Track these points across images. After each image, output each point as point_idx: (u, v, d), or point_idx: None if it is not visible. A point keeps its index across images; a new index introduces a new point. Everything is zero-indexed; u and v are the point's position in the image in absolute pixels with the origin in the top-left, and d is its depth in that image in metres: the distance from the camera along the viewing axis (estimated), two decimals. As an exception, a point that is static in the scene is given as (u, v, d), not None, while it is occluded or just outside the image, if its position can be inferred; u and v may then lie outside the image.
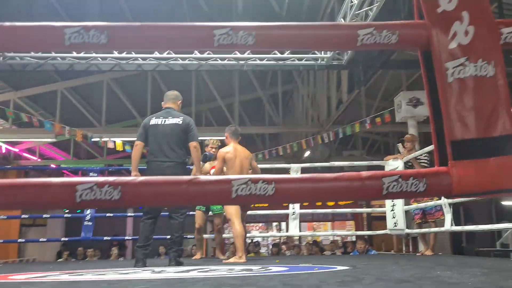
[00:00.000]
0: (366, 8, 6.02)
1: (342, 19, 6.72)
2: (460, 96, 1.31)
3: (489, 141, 1.29)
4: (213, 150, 5.17)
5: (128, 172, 9.15)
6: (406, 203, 5.92)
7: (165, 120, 3.82)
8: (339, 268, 3.39)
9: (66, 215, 9.60)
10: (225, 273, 2.70)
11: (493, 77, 1.31)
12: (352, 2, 6.17)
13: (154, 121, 3.84)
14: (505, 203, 11.36)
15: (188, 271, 3.17)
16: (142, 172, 3.72)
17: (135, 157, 3.74)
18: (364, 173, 1.30)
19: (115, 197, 1.22)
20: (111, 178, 1.25)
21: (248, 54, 7.99)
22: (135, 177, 1.28)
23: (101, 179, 1.25)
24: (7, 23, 1.27)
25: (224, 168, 4.24)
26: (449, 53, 1.32)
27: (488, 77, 1.31)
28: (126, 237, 8.57)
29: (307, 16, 8.22)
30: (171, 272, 3.14)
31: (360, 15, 6.36)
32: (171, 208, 3.77)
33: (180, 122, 3.79)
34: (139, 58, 7.90)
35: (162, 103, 4.04)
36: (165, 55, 7.86)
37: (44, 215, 9.49)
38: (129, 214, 7.59)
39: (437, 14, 1.34)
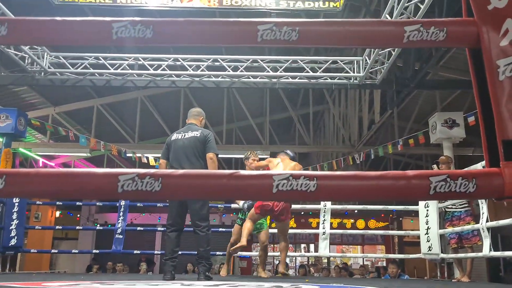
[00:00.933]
0: (415, 0, 5.76)
1: (387, 15, 6.33)
2: (511, 94, 1.26)
3: (544, 141, 1.23)
4: (256, 161, 5.08)
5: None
6: (441, 227, 5.73)
7: (184, 135, 3.89)
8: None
9: (98, 228, 9.76)
10: (255, 288, 2.66)
11: (547, 74, 1.25)
12: None
13: (175, 136, 3.94)
14: (546, 231, 10.85)
15: (217, 285, 3.14)
16: None
17: None
18: (411, 172, 1.26)
19: (156, 189, 1.22)
20: (152, 170, 1.25)
21: (280, 72, 8.03)
22: (176, 170, 1.28)
23: (142, 170, 1.25)
24: (59, 18, 1.31)
25: None
26: (500, 50, 1.27)
27: (542, 75, 1.25)
28: (155, 252, 8.58)
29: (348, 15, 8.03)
30: (200, 286, 3.12)
31: (409, 8, 5.93)
32: (194, 223, 3.76)
33: (198, 135, 3.83)
34: (173, 75, 8.07)
35: (186, 120, 4.10)
36: (198, 72, 8.00)
37: (77, 227, 9.67)
38: (158, 228, 7.63)
39: (487, 11, 1.31)
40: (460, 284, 4.46)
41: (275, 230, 5.25)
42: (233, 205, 6.10)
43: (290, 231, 7.43)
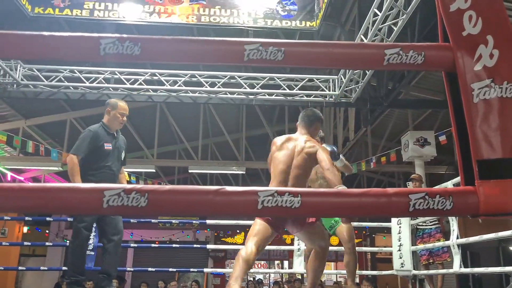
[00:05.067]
0: (390, 23, 5.93)
1: (362, 36, 6.52)
2: (485, 116, 1.32)
3: (515, 161, 1.29)
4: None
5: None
6: (413, 244, 5.84)
7: None
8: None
9: (67, 244, 9.48)
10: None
11: (518, 99, 1.33)
12: (375, 17, 6.01)
13: None
14: (513, 247, 11.16)
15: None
16: None
17: None
18: (391, 190, 1.30)
19: (142, 204, 1.22)
20: (138, 186, 1.25)
21: (257, 89, 8.11)
22: (163, 185, 1.29)
23: (128, 186, 1.25)
24: (46, 33, 1.31)
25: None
26: (474, 75, 1.35)
27: (514, 99, 1.33)
28: (127, 269, 8.41)
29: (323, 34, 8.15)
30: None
31: (383, 30, 6.11)
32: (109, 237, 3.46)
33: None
34: (149, 90, 8.04)
35: None
36: (175, 87, 7.99)
37: (46, 243, 9.39)
38: (131, 245, 7.50)
39: (462, 37, 1.38)
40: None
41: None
42: None
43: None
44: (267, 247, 3.10)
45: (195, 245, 7.72)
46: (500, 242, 10.99)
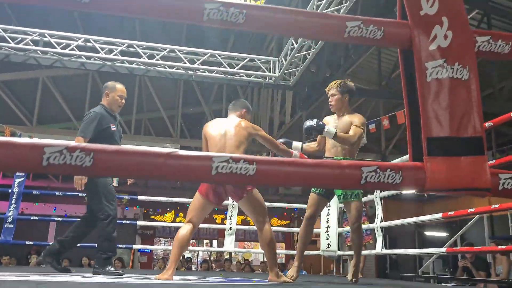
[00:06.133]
0: (333, 8, 6.04)
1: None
2: (437, 95, 1.36)
3: (461, 140, 1.35)
4: None
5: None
6: (340, 226, 6.07)
7: None
8: (277, 282, 3.35)
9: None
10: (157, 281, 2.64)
11: (467, 80, 1.38)
12: (319, 1, 6.07)
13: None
14: (427, 233, 12.04)
15: (119, 278, 3.02)
16: None
17: None
18: (344, 162, 1.31)
19: (86, 164, 1.13)
20: (83, 144, 1.15)
21: (197, 65, 7.94)
22: (109, 145, 1.20)
23: (72, 143, 1.15)
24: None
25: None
26: (429, 54, 1.37)
27: (463, 80, 1.38)
28: (50, 243, 7.98)
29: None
30: (103, 278, 2.97)
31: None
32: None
33: None
34: (82, 56, 7.59)
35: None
36: (111, 56, 7.61)
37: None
38: (55, 219, 7.10)
39: (419, 16, 1.40)
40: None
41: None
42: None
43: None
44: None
45: (124, 221, 7.47)
46: (416, 227, 11.80)
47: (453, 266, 9.23)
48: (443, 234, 11.57)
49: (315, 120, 3.22)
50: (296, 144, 3.69)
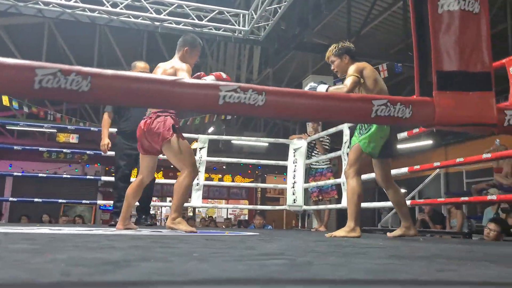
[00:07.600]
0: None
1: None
2: (448, 27, 1.32)
3: (470, 75, 1.32)
4: None
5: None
6: (306, 181, 6.16)
7: None
8: (249, 233, 3.39)
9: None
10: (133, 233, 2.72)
11: (478, 14, 1.34)
12: None
13: None
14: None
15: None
16: None
17: None
18: (355, 95, 1.26)
19: (83, 88, 1.02)
20: (78, 67, 1.04)
21: (164, 16, 7.60)
22: (107, 70, 1.09)
23: (66, 66, 1.03)
24: None
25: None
26: (441, -16, 1.32)
27: (474, 14, 1.34)
28: (10, 199, 7.72)
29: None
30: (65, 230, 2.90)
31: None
32: None
33: None
34: (39, 3, 7.07)
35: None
36: (71, 3, 7.13)
37: None
38: (15, 173, 6.82)
39: None
40: (318, 233, 4.94)
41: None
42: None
43: (158, 181, 6.18)
44: (161, 181, 5.55)
45: (88, 177, 7.27)
46: (376, 183, 12.20)
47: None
48: (402, 190, 12.00)
49: (318, 82, 3.18)
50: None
